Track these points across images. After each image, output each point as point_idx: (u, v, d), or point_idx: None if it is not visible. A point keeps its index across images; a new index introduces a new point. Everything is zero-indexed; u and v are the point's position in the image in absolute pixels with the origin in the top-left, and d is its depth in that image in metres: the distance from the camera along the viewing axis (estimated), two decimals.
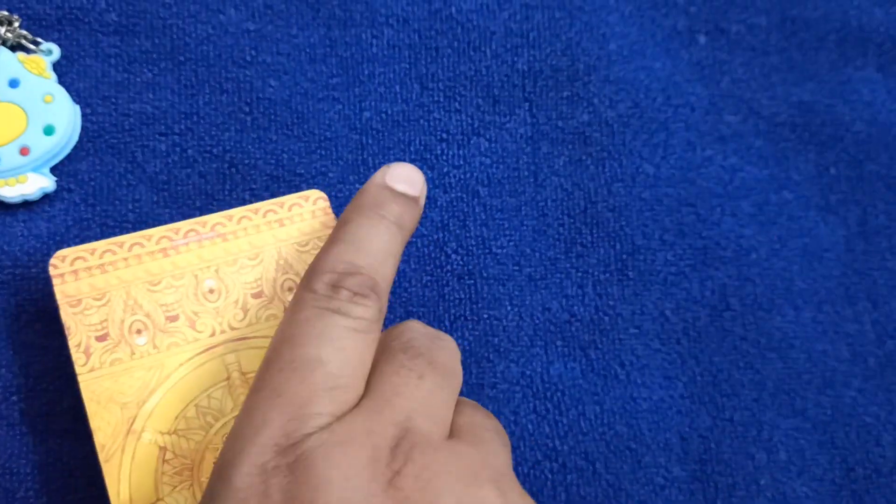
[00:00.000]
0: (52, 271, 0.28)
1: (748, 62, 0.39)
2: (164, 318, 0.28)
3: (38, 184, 0.33)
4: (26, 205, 0.33)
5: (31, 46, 0.34)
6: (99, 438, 0.26)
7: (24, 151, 0.32)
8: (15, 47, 0.34)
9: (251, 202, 0.34)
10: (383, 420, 0.23)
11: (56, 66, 0.34)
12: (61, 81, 0.34)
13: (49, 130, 0.33)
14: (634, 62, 0.38)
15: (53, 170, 0.33)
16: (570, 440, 0.35)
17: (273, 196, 0.34)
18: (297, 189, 0.35)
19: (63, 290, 0.28)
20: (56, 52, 0.34)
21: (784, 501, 0.35)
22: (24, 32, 0.34)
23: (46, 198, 0.33)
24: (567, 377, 0.35)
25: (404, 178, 0.28)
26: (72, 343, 0.27)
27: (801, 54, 0.40)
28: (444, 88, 0.37)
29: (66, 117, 0.33)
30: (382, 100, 0.36)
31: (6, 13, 0.34)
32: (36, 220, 0.33)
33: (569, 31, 0.38)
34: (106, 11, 0.35)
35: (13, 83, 0.33)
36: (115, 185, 0.34)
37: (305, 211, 0.30)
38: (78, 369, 0.27)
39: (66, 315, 0.27)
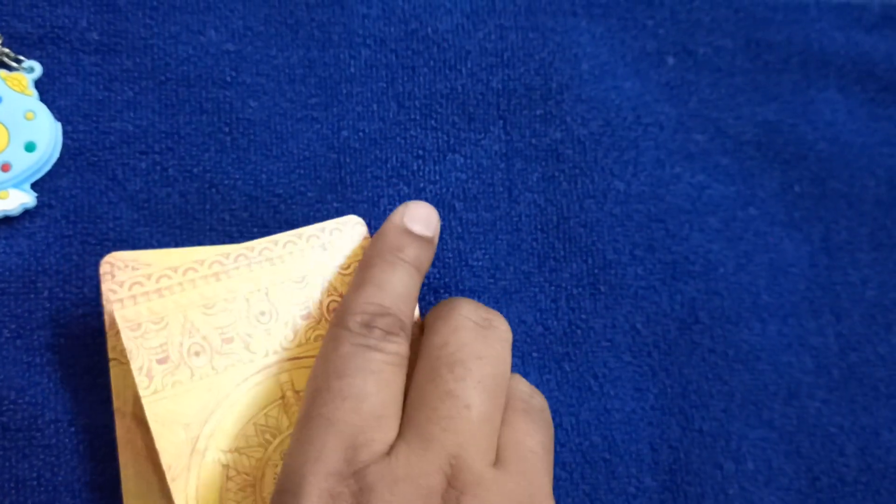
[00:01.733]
0: (111, 296, 0.28)
1: (715, 83, 0.40)
2: (220, 340, 0.29)
3: (19, 200, 0.33)
4: (7, 221, 0.33)
5: (13, 64, 0.34)
6: (165, 459, 0.27)
7: (5, 168, 0.32)
8: None
9: (230, 223, 0.35)
10: (434, 458, 0.24)
11: (38, 84, 0.34)
12: (43, 99, 0.34)
13: (30, 147, 0.33)
14: (605, 82, 0.39)
15: (35, 186, 0.33)
16: None
17: (252, 216, 0.35)
18: (276, 209, 0.35)
19: (123, 315, 0.28)
20: (38, 69, 0.34)
21: None
22: (6, 50, 0.34)
23: (27, 214, 0.33)
24: (543, 389, 0.36)
25: (420, 219, 0.30)
26: (134, 367, 0.28)
27: (765, 76, 0.40)
28: (420, 106, 0.37)
29: (47, 134, 0.33)
30: (360, 119, 0.37)
31: None
32: (17, 236, 0.33)
33: (542, 52, 0.38)
34: (87, 30, 0.35)
35: None
36: (96, 202, 0.34)
37: (345, 236, 0.31)
38: (142, 392, 0.27)
39: (128, 339, 0.28)
